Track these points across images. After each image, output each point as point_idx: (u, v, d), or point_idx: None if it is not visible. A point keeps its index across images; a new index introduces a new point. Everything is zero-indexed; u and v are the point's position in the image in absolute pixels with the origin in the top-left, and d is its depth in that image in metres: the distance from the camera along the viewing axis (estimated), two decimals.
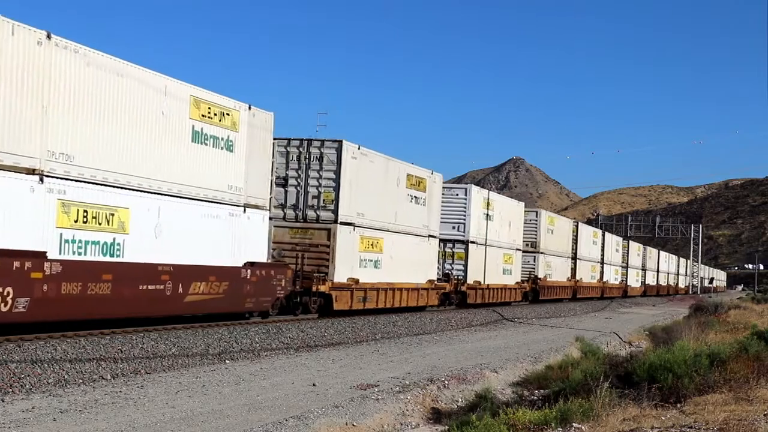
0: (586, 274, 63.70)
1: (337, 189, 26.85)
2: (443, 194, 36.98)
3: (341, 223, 26.96)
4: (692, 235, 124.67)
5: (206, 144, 20.68)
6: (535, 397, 15.34)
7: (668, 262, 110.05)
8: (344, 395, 14.00)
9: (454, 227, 38.23)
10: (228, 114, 21.55)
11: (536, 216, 51.74)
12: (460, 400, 15.57)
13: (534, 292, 49.94)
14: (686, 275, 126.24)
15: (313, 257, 26.58)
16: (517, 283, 46.06)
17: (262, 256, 23.23)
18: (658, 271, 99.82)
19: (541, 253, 51.18)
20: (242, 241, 22.13)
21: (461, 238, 38.56)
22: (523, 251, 48.16)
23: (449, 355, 20.94)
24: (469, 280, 38.66)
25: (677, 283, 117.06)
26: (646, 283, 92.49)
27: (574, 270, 59.69)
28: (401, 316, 29.77)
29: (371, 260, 29.12)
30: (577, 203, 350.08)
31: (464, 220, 38.62)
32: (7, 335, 15.93)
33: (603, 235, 71.64)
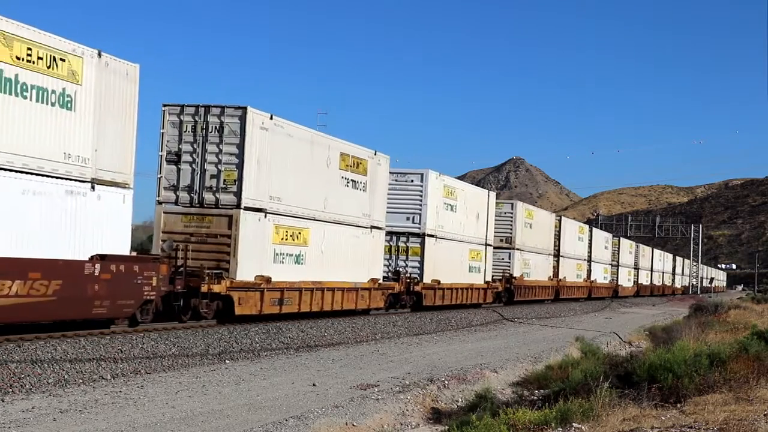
0: (571, 273, 58.47)
1: (240, 167, 22.04)
2: (396, 180, 32.98)
3: (247, 209, 22.19)
4: (692, 235, 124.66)
5: (25, 96, 15.66)
6: (535, 397, 15.33)
7: (663, 260, 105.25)
8: (344, 395, 14.00)
9: (408, 218, 33.32)
10: (63, 60, 16.56)
11: (511, 208, 46.54)
12: (460, 400, 15.57)
13: (509, 292, 44.83)
14: (683, 275, 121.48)
15: (212, 250, 22.02)
16: (487, 282, 40.75)
17: (121, 247, 18.29)
18: (652, 270, 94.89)
19: (517, 249, 46.05)
20: (88, 227, 17.27)
21: (416, 230, 33.49)
22: (496, 247, 43.46)
23: (449, 355, 20.95)
24: (426, 279, 33.50)
25: (673, 283, 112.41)
26: (639, 282, 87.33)
27: (556, 268, 54.56)
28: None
29: (291, 255, 24.32)
30: (577, 203, 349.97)
31: (420, 209, 33.46)
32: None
33: (590, 231, 66.77)
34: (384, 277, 30.96)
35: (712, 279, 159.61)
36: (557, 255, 54.90)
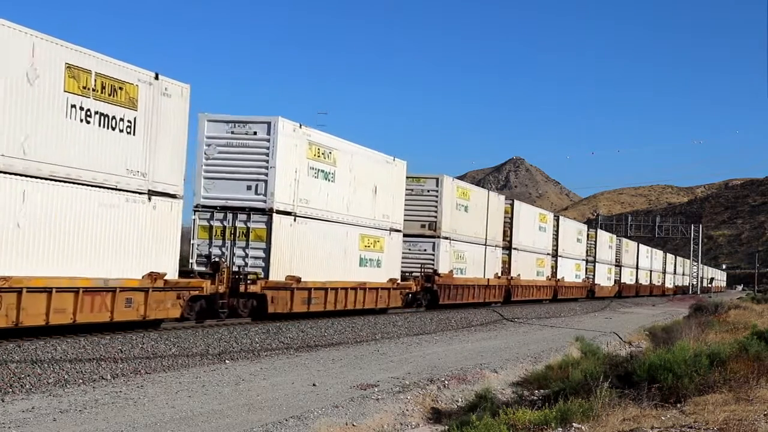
0: (529, 270, 48.82)
1: None
2: (233, 133, 23.91)
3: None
4: (692, 235, 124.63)
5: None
6: (535, 397, 15.33)
7: (651, 257, 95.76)
8: (344, 395, 14.00)
9: (250, 187, 23.78)
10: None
11: (436, 184, 35.77)
12: (460, 400, 15.57)
13: (431, 293, 35.25)
14: (675, 273, 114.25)
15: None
16: (391, 280, 31.08)
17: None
18: (637, 268, 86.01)
19: (444, 237, 36.00)
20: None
21: (260, 204, 23.75)
22: (412, 235, 34.57)
23: (449, 355, 20.94)
24: (274, 275, 23.80)
25: (664, 282, 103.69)
26: (622, 281, 77.83)
27: (507, 263, 45.09)
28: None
29: None
30: (577, 203, 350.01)
31: (266, 175, 23.69)
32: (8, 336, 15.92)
33: (556, 220, 56.51)
34: (199, 272, 22.36)
35: (712, 279, 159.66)
36: (509, 247, 45.40)
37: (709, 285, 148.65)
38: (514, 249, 46.16)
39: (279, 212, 24.01)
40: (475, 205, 39.67)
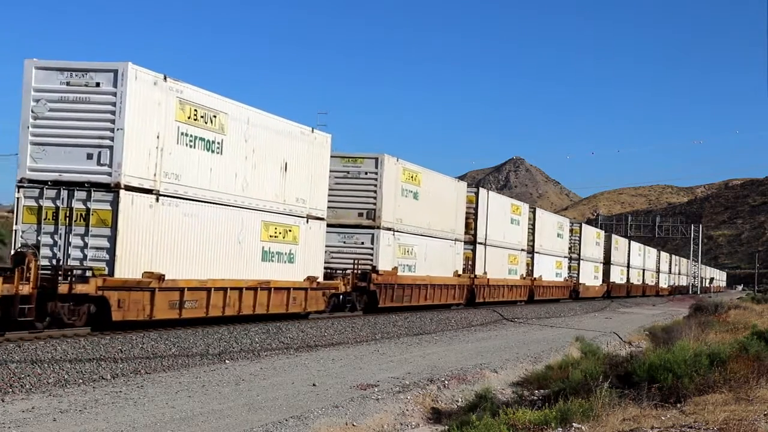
0: (498, 268, 42.88)
1: None
2: (68, 84, 18.28)
3: None
4: (692, 235, 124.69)
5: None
6: (535, 397, 15.33)
7: (644, 255, 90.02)
8: (344, 395, 14.00)
9: (90, 156, 18.12)
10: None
11: (376, 166, 29.64)
12: (460, 400, 15.56)
13: (368, 294, 29.19)
14: (670, 272, 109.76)
15: None
16: (309, 278, 24.98)
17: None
18: (629, 267, 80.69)
19: (386, 228, 30.07)
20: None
21: (103, 178, 18.08)
22: (348, 225, 29.47)
23: (449, 355, 20.94)
24: (124, 271, 18.10)
25: (658, 282, 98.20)
26: (611, 281, 72.39)
27: (472, 260, 39.51)
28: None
29: None
30: (577, 203, 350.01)
31: (111, 140, 18.10)
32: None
33: (533, 213, 50.64)
34: None
35: (712, 279, 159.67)
36: (473, 242, 39.62)
37: (709, 285, 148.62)
38: (480, 243, 40.26)
39: (130, 189, 18.24)
40: (427, 192, 33.80)
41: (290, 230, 24.39)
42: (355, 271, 28.60)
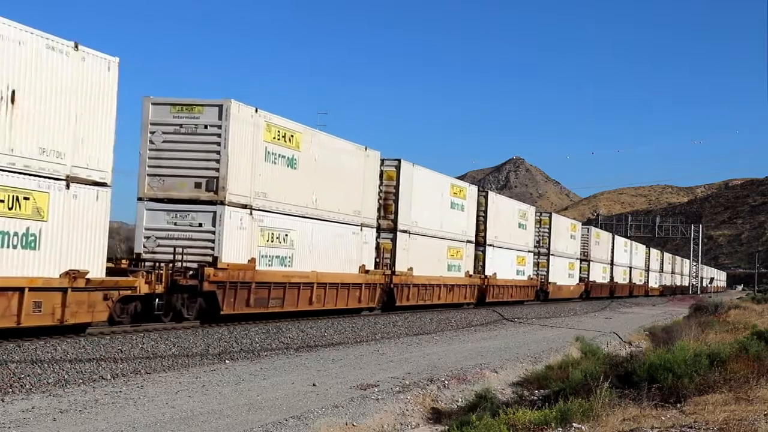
0: (432, 262, 34.44)
1: None
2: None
3: None
4: (692, 235, 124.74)
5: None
6: (535, 397, 15.33)
7: (631, 252, 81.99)
8: (344, 395, 14.00)
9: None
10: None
11: (220, 117, 21.43)
12: (460, 400, 15.56)
13: (204, 297, 20.99)
14: (661, 271, 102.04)
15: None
16: (70, 274, 16.27)
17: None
18: (612, 264, 72.94)
19: (239, 205, 21.87)
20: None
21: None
22: (180, 200, 21.50)
23: (449, 355, 20.94)
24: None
25: (647, 282, 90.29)
26: (591, 280, 64.58)
27: (391, 252, 31.41)
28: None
29: None
30: (577, 203, 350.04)
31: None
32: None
33: (484, 198, 41.79)
34: None
35: (712, 279, 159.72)
36: (393, 229, 31.56)
37: (709, 285, 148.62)
38: (402, 232, 31.93)
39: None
40: (312, 159, 25.31)
41: (25, 200, 15.37)
42: (181, 264, 20.52)
